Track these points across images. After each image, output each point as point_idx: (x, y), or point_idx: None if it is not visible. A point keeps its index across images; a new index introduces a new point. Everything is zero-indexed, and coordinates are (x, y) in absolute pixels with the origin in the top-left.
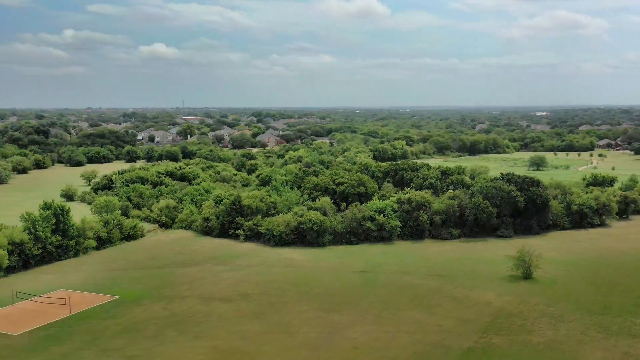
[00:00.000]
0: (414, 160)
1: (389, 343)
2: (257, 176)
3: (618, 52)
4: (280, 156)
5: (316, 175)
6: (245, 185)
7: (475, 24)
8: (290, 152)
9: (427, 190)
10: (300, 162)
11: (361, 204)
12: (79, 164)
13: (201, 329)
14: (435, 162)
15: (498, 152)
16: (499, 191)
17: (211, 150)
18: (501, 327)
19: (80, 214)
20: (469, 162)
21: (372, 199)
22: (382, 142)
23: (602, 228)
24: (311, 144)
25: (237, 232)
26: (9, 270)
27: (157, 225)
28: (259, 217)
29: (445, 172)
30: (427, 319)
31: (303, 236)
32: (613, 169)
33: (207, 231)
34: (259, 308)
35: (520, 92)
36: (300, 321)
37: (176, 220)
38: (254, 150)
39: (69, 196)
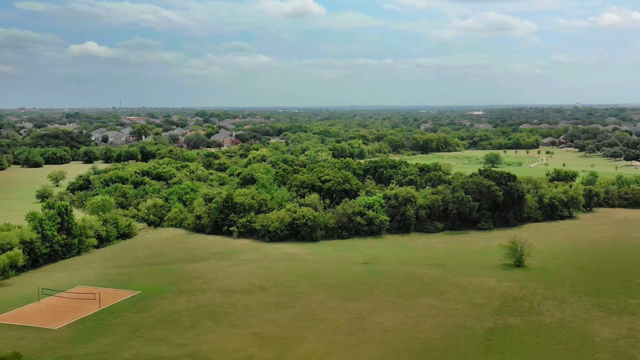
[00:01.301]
0: (392, 158)
1: (415, 326)
2: (238, 174)
3: (546, 53)
4: (243, 156)
5: (296, 173)
6: (222, 184)
7: (409, 24)
8: (252, 151)
9: (407, 187)
10: (264, 161)
11: (351, 199)
12: (37, 165)
13: (234, 318)
14: (393, 159)
15: (449, 151)
16: (479, 186)
17: (170, 151)
18: (512, 310)
19: None
20: (426, 160)
21: (358, 195)
22: (339, 142)
23: (571, 220)
24: (268, 143)
25: (230, 229)
26: (20, 269)
27: (145, 224)
28: (252, 214)
29: (423, 169)
30: (441, 304)
31: (297, 231)
32: (564, 165)
33: (199, 229)
34: (280, 299)
35: (454, 92)
36: (325, 309)
37: (165, 218)
38: (211, 150)
39: (44, 197)
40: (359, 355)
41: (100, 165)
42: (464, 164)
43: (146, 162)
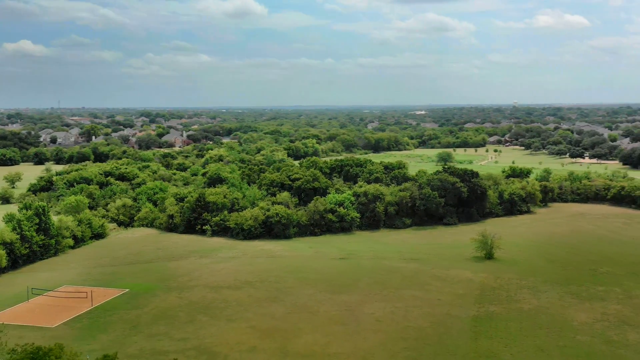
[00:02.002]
0: (357, 157)
1: (405, 316)
2: (203, 174)
3: (484, 54)
4: (199, 156)
5: (263, 172)
6: (186, 184)
7: (350, 25)
8: (209, 151)
9: (375, 184)
10: (222, 161)
11: (321, 197)
12: None
13: (229, 313)
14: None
15: (399, 149)
16: (444, 183)
17: (124, 151)
18: (492, 298)
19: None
20: (381, 159)
21: (327, 193)
22: (292, 141)
23: (529, 214)
24: (221, 143)
25: (204, 227)
26: (0, 270)
27: (115, 224)
28: (225, 212)
29: (387, 167)
30: (424, 295)
31: (270, 229)
32: (513, 162)
33: (171, 228)
34: (270, 293)
35: (395, 92)
36: (315, 302)
37: (135, 218)
38: (164, 150)
39: (5, 198)
40: (358, 344)
41: (54, 167)
42: (416, 162)
43: (100, 163)
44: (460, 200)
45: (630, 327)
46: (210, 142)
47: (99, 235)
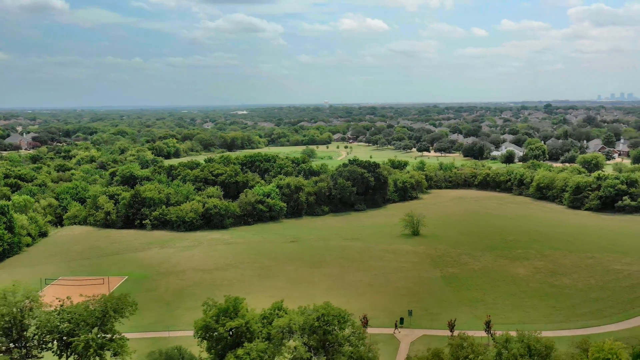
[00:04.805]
0: (265, 152)
1: (388, 279)
2: (113, 175)
3: (293, 55)
4: (67, 157)
5: (175, 169)
6: (90, 183)
7: (158, 23)
8: (80, 152)
9: (291, 177)
10: (94, 161)
11: (240, 191)
12: None
13: (239, 287)
14: (205, 157)
15: (252, 147)
16: (353, 174)
17: None
18: (444, 264)
19: None
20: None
21: (247, 186)
22: (154, 141)
23: (418, 200)
24: (76, 144)
25: (143, 222)
26: None
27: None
28: (164, 207)
29: (294, 161)
30: (387, 264)
31: (209, 220)
32: (371, 157)
33: (109, 224)
34: (258, 272)
35: (209, 92)
36: (304, 275)
37: (65, 217)
38: (8, 153)
39: None
40: (372, 301)
41: None
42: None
43: None
44: (368, 189)
45: (562, 275)
46: (64, 144)
47: (43, 234)
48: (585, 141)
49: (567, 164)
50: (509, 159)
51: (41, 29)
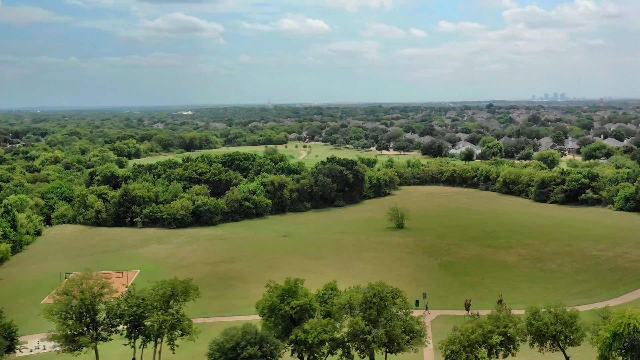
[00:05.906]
0: (243, 151)
1: (389, 267)
2: (93, 175)
3: (233, 55)
4: (29, 158)
5: (155, 169)
6: (71, 181)
7: (95, 22)
8: (43, 152)
9: (275, 174)
10: (59, 162)
11: (224, 189)
12: None
13: (254, 277)
14: (165, 157)
15: (210, 148)
16: (333, 171)
17: None
18: (437, 253)
19: None
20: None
21: (231, 184)
22: (113, 142)
23: (391, 196)
24: (33, 145)
25: (134, 220)
26: None
27: None
28: (154, 205)
29: (272, 160)
30: (383, 255)
31: (199, 217)
32: (333, 155)
33: (100, 222)
34: (264, 264)
35: (150, 92)
36: (310, 266)
37: (53, 216)
38: None
39: None
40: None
41: None
42: None
43: None
44: (346, 185)
45: (547, 261)
46: (20, 145)
47: (38, 233)
48: (536, 139)
49: (523, 161)
50: (468, 156)
51: None
